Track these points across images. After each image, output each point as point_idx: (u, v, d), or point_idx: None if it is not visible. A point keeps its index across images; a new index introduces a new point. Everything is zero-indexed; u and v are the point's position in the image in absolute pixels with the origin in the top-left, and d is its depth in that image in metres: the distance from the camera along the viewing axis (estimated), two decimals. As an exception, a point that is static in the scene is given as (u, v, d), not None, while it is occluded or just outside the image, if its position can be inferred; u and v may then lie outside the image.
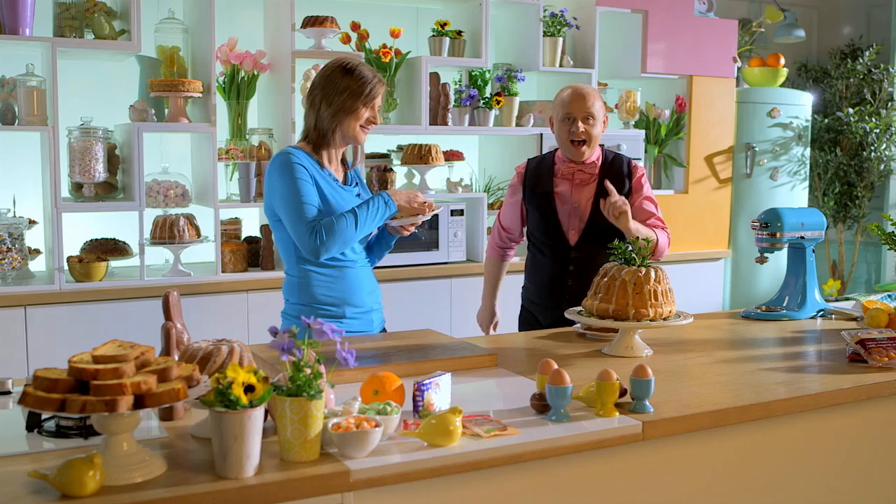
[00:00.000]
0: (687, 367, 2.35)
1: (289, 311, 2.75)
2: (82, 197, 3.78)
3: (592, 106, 3.01)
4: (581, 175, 3.08)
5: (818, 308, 3.10)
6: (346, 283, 2.70)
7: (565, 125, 3.02)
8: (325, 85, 2.65)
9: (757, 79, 5.55)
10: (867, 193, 6.01)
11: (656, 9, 4.95)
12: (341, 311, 2.69)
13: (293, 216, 2.58)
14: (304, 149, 2.67)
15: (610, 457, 1.86)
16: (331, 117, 2.64)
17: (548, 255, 3.12)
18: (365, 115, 2.65)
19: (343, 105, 2.62)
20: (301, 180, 2.58)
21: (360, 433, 1.59)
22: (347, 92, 2.62)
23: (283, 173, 2.60)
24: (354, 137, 2.67)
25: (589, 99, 3.01)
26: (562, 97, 3.06)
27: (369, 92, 2.63)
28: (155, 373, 1.52)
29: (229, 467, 1.51)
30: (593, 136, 3.03)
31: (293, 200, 2.57)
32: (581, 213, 3.05)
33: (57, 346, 3.58)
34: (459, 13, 4.61)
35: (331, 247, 2.57)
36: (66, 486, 1.42)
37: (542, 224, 3.12)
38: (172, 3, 4.13)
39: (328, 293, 2.68)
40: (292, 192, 2.57)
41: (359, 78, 2.64)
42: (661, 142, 5.15)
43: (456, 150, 4.65)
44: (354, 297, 2.72)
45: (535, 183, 3.13)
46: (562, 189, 3.09)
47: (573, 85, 3.10)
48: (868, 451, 2.33)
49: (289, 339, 1.60)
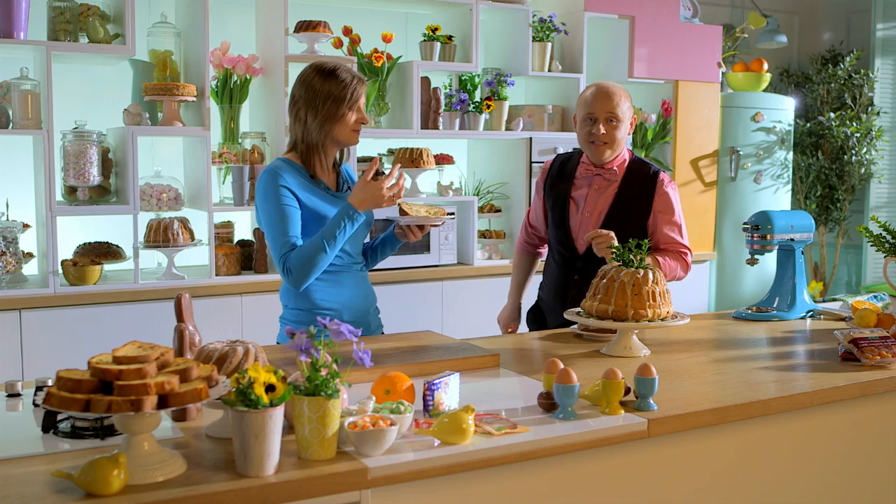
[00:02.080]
0: (685, 367, 2.40)
1: (287, 316, 2.75)
2: (76, 200, 3.79)
3: (617, 106, 2.83)
4: (600, 180, 2.92)
5: (807, 309, 3.16)
6: (343, 287, 2.70)
7: (586, 125, 2.86)
8: (306, 94, 2.59)
9: (741, 84, 5.63)
10: (848, 197, 6.11)
11: (643, 15, 5.01)
12: (339, 315, 2.68)
13: (272, 247, 2.59)
14: (295, 160, 2.63)
15: (616, 453, 1.91)
16: (319, 128, 2.59)
17: (558, 260, 3.05)
18: (353, 118, 2.61)
19: (329, 113, 2.57)
20: (283, 205, 2.54)
21: (377, 431, 1.62)
22: (331, 99, 2.57)
23: (267, 197, 2.57)
24: (347, 141, 2.66)
25: (614, 98, 2.83)
26: (585, 95, 2.90)
27: (351, 95, 2.58)
28: (176, 373, 1.55)
29: (250, 466, 1.53)
30: (617, 138, 2.85)
31: (271, 232, 2.58)
32: (595, 223, 2.91)
33: (51, 350, 3.58)
34: (450, 18, 4.65)
35: (306, 278, 2.55)
36: (91, 486, 1.45)
37: (554, 228, 3.04)
38: (165, 7, 4.14)
39: (326, 298, 2.67)
40: (271, 222, 2.56)
41: (339, 82, 2.58)
42: (647, 146, 5.21)
43: (446, 153, 4.68)
44: (352, 301, 2.72)
45: (554, 182, 3.01)
46: (578, 194, 2.96)
47: (598, 82, 2.92)
48: (863, 446, 2.39)
49: (307, 339, 1.63)
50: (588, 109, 2.86)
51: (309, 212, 2.60)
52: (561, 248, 3.03)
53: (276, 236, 2.56)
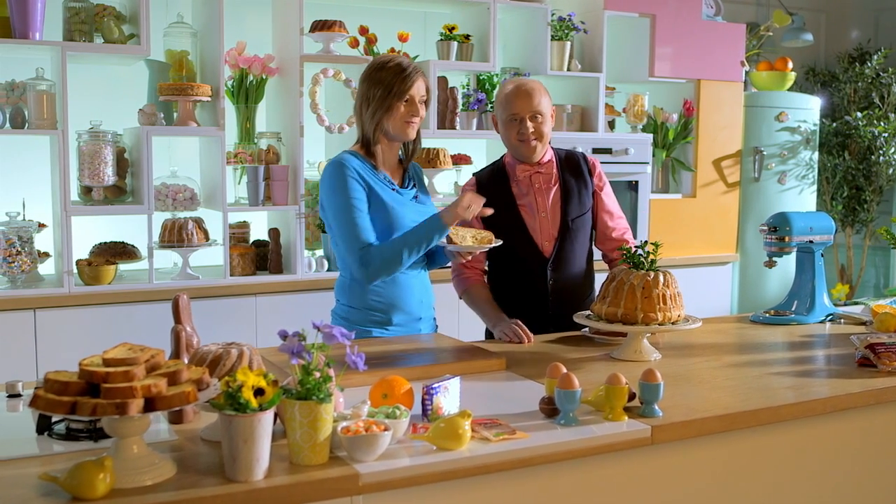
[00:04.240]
0: (695, 372, 2.35)
1: (338, 311, 2.76)
2: (91, 200, 3.80)
3: (539, 104, 2.77)
4: (539, 177, 2.86)
5: (827, 312, 3.09)
6: (397, 289, 2.68)
7: (513, 126, 2.79)
8: (361, 88, 2.64)
9: (765, 83, 5.54)
10: (876, 198, 6.00)
11: (664, 13, 4.95)
12: (388, 317, 2.68)
13: (345, 238, 2.58)
14: (359, 153, 2.66)
15: (618, 461, 1.86)
16: (370, 118, 2.61)
17: (522, 274, 2.86)
18: (403, 110, 2.60)
19: (380, 103, 2.59)
20: (353, 199, 2.55)
21: (369, 436, 1.60)
22: (381, 88, 2.58)
23: (335, 189, 2.58)
24: (400, 134, 2.64)
25: (534, 96, 2.76)
26: (504, 96, 2.81)
27: (399, 85, 2.57)
28: (165, 376, 1.53)
29: (238, 470, 1.51)
30: (544, 133, 2.80)
31: (345, 224, 2.56)
32: (554, 220, 2.85)
33: (66, 349, 3.59)
34: (467, 17, 4.62)
35: (378, 276, 2.58)
36: (77, 489, 1.43)
37: (512, 242, 2.78)
38: (181, 8, 4.15)
39: (377, 298, 2.66)
40: (344, 214, 2.56)
41: (389, 73, 2.59)
42: (668, 146, 5.15)
43: (463, 153, 4.65)
44: (404, 303, 2.70)
45: (493, 199, 2.71)
46: (526, 200, 2.85)
47: (515, 81, 2.84)
48: (876, 456, 2.32)
49: (298, 342, 1.60)
50: (511, 110, 2.78)
51: (377, 200, 2.60)
52: (526, 260, 2.85)
53: (349, 229, 2.56)
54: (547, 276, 2.86)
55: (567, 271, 2.87)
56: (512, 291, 2.90)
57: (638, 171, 4.88)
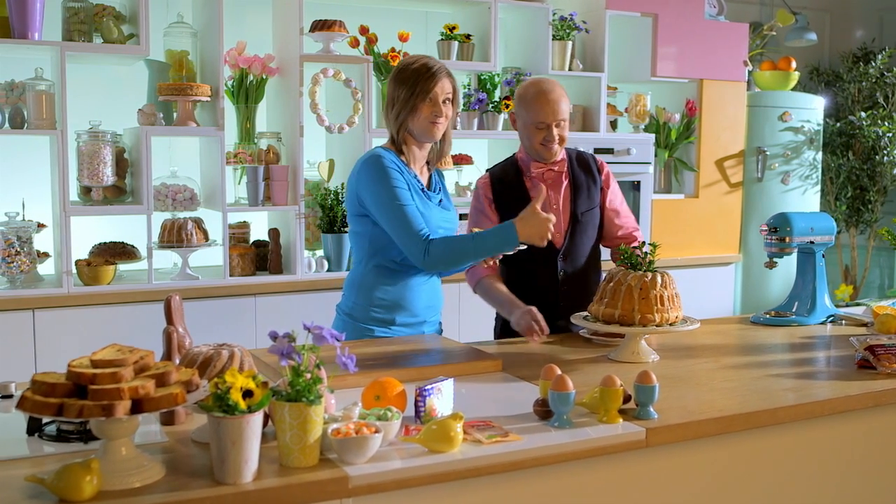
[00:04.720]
0: (693, 373, 2.33)
1: (342, 305, 2.75)
2: (90, 200, 3.79)
3: (564, 110, 2.80)
4: (551, 174, 2.88)
5: (828, 314, 3.07)
6: (404, 289, 2.67)
7: (539, 132, 2.80)
8: (390, 86, 2.64)
9: (768, 82, 5.52)
10: (880, 198, 5.97)
11: (666, 12, 4.93)
12: (391, 316, 2.67)
13: (399, 225, 2.54)
14: (391, 149, 2.65)
15: (613, 464, 1.84)
16: (395, 119, 2.61)
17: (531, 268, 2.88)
18: (427, 110, 2.58)
19: (404, 104, 2.58)
20: (398, 188, 2.54)
21: (359, 439, 1.58)
22: (405, 89, 2.58)
23: (378, 178, 2.55)
24: (424, 134, 2.62)
25: (561, 104, 2.78)
26: (529, 100, 2.79)
27: (422, 86, 2.56)
28: (153, 377, 1.52)
29: (227, 473, 1.50)
30: (565, 138, 2.85)
31: (396, 210, 2.53)
32: (566, 215, 2.88)
33: (65, 350, 3.58)
34: (468, 17, 4.60)
35: (437, 267, 2.57)
36: (64, 491, 1.42)
37: None
38: (181, 7, 4.14)
39: (384, 296, 2.65)
40: (392, 201, 2.53)
41: (415, 72, 2.58)
42: (671, 146, 5.12)
43: (465, 153, 4.64)
44: (410, 304, 2.69)
45: (505, 195, 2.86)
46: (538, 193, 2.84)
47: (539, 83, 2.82)
48: (876, 459, 2.30)
49: (287, 344, 1.59)
50: (538, 118, 2.77)
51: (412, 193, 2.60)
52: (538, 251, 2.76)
53: (405, 219, 2.53)
54: (558, 266, 2.89)
55: (577, 263, 2.90)
56: (524, 282, 2.91)
57: (640, 171, 4.87)
